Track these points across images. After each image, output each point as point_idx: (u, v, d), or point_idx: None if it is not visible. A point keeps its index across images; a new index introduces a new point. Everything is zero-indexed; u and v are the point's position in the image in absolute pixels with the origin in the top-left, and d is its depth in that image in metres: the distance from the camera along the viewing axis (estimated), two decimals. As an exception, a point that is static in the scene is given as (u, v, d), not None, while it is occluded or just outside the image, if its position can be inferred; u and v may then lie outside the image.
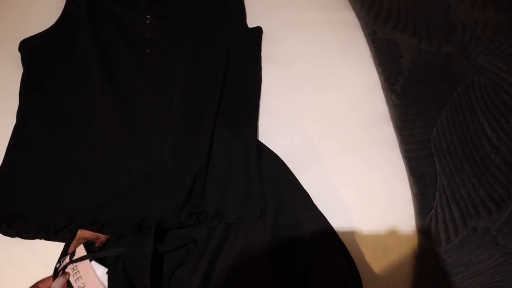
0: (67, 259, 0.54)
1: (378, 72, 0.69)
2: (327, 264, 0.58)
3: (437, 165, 0.62)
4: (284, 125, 0.67)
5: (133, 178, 0.61)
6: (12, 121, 0.68)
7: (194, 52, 0.69)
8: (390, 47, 0.69)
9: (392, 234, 0.62)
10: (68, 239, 0.59)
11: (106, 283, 0.52)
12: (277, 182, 0.61)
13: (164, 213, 0.56)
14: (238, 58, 0.69)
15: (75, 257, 0.54)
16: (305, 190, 0.61)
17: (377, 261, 0.61)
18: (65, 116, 0.67)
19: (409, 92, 0.66)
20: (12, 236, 0.61)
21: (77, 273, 0.53)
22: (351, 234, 0.61)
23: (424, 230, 0.60)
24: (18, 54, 0.71)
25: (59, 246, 0.60)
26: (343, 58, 0.71)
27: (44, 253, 0.61)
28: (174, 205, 0.56)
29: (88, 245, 0.56)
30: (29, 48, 0.71)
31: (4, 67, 0.74)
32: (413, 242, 0.62)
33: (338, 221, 0.61)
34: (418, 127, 0.64)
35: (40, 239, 0.61)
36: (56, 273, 0.54)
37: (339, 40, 0.73)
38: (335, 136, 0.66)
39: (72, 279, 0.53)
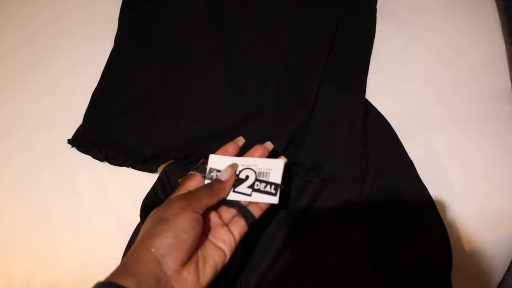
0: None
1: (506, 43, 0.62)
2: (421, 238, 0.54)
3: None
4: (393, 86, 0.61)
5: (228, 118, 0.58)
6: (110, 46, 0.66)
7: (305, -7, 0.64)
8: (525, 16, 0.62)
9: (494, 218, 0.57)
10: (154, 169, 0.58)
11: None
12: (382, 145, 0.57)
13: None
14: (353, 7, 0.64)
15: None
16: (409, 158, 0.57)
17: (471, 244, 0.57)
18: (162, 45, 0.65)
19: (539, 69, 0.59)
20: (101, 160, 0.60)
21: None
22: (451, 211, 0.57)
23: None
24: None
25: (144, 177, 0.59)
26: (467, 23, 0.64)
27: (129, 182, 0.60)
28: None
29: None
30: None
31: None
32: (515, 231, 0.57)
33: (439, 195, 0.56)
34: (546, 108, 0.57)
35: (128, 166, 0.60)
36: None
37: (465, 2, 0.66)
38: (447, 106, 0.60)
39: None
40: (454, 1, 0.66)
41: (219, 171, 0.45)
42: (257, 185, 0.45)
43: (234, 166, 0.45)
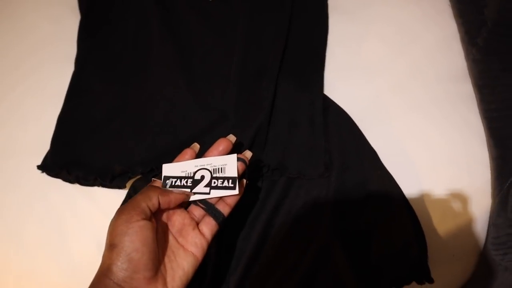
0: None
1: (458, 24, 0.62)
2: (393, 226, 0.55)
3: (522, 127, 0.57)
4: (351, 78, 0.62)
5: (193, 128, 0.59)
6: (71, 66, 0.67)
7: (256, -3, 0.65)
8: (473, -4, 0.62)
9: (463, 199, 0.58)
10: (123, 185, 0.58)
11: None
12: (344, 138, 0.58)
13: None
14: (304, 4, 0.64)
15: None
16: (372, 148, 0.57)
17: (445, 227, 0.57)
18: (122, 63, 0.66)
19: (493, 46, 0.59)
20: (71, 182, 0.61)
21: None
22: (420, 196, 0.57)
23: (500, 197, 0.56)
24: (75, 1, 0.70)
25: (116, 194, 0.60)
26: (417, 7, 0.65)
27: (102, 200, 0.61)
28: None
29: None
30: (86, -6, 0.69)
31: (62, 15, 0.72)
32: (486, 209, 0.57)
33: (406, 182, 0.56)
34: (503, 84, 0.58)
35: (98, 186, 0.60)
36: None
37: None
38: (406, 92, 0.61)
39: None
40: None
41: (174, 177, 0.45)
42: (214, 183, 0.45)
43: (185, 192, 0.44)
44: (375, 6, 0.66)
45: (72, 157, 0.61)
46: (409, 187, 0.57)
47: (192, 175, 0.45)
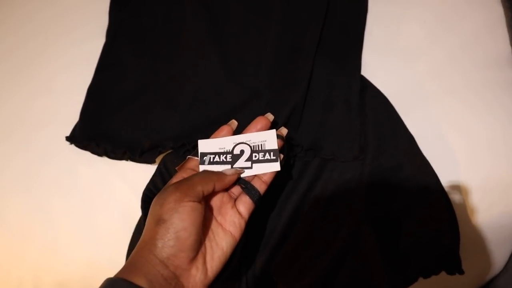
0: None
1: (504, 7, 0.60)
2: (426, 213, 0.53)
3: None
4: (389, 60, 0.60)
5: (224, 105, 0.58)
6: (102, 43, 0.66)
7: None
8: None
9: (501, 188, 0.56)
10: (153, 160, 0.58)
11: None
12: (381, 121, 0.56)
13: None
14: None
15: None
16: (409, 132, 0.56)
17: (480, 217, 0.56)
18: (154, 37, 0.65)
19: (540, 32, 0.57)
20: (100, 155, 0.60)
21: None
22: (456, 184, 0.55)
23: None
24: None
25: (144, 169, 0.59)
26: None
27: (129, 175, 0.60)
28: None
29: None
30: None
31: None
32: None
33: (442, 169, 0.55)
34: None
35: (126, 160, 0.60)
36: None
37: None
38: (446, 76, 0.59)
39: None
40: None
41: (212, 153, 0.44)
42: (255, 156, 0.43)
43: (239, 171, 0.43)
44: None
45: (101, 129, 0.60)
46: (445, 174, 0.55)
47: (231, 150, 0.44)
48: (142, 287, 0.32)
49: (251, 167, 0.43)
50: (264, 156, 0.43)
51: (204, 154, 0.44)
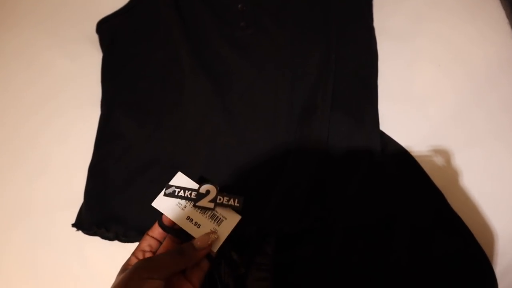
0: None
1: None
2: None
3: None
4: (405, 110, 0.57)
5: (236, 173, 0.54)
6: (95, 110, 0.62)
7: (297, 24, 0.59)
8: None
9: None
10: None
11: None
12: (407, 181, 0.53)
13: (283, 218, 0.50)
14: (349, 30, 0.58)
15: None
16: (439, 190, 0.53)
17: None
18: (153, 104, 0.60)
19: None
20: (111, 239, 0.56)
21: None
22: (489, 239, 0.53)
23: None
24: (95, 37, 0.64)
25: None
26: (472, 26, 0.59)
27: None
28: (296, 209, 0.50)
29: None
30: (108, 28, 0.63)
31: (81, 52, 0.67)
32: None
33: (472, 221, 0.52)
34: None
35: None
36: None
37: (468, 3, 0.61)
38: (469, 123, 0.56)
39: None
40: (455, 4, 0.61)
41: (179, 188, 0.47)
42: (219, 199, 0.45)
43: (211, 235, 0.44)
44: (426, 27, 0.60)
45: (108, 211, 0.56)
46: (475, 227, 0.52)
47: (197, 188, 0.46)
48: None
49: (213, 208, 0.45)
50: (228, 201, 0.45)
51: (170, 186, 0.47)
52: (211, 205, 0.45)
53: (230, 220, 0.45)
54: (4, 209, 0.62)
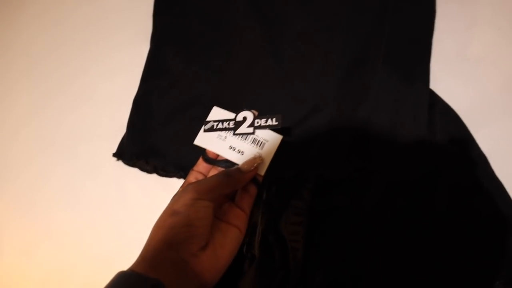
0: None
1: None
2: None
3: None
4: (460, 72, 0.55)
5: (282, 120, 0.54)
6: (147, 47, 0.62)
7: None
8: None
9: None
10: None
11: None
12: (451, 140, 0.52)
13: (324, 164, 0.50)
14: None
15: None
16: (482, 153, 0.52)
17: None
18: (202, 43, 0.60)
19: None
20: (149, 172, 0.58)
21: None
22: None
23: None
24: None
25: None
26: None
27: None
28: (338, 157, 0.50)
29: None
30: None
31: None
32: None
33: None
34: None
35: (179, 178, 0.57)
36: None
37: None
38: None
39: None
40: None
41: (216, 121, 0.47)
42: (257, 122, 0.45)
43: (256, 158, 0.43)
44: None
45: (149, 144, 0.57)
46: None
47: (234, 117, 0.46)
48: (149, 277, 0.33)
49: (253, 133, 0.45)
50: (266, 122, 0.45)
51: (208, 122, 0.47)
52: (250, 130, 0.45)
53: (272, 142, 0.45)
54: (49, 133, 0.64)
